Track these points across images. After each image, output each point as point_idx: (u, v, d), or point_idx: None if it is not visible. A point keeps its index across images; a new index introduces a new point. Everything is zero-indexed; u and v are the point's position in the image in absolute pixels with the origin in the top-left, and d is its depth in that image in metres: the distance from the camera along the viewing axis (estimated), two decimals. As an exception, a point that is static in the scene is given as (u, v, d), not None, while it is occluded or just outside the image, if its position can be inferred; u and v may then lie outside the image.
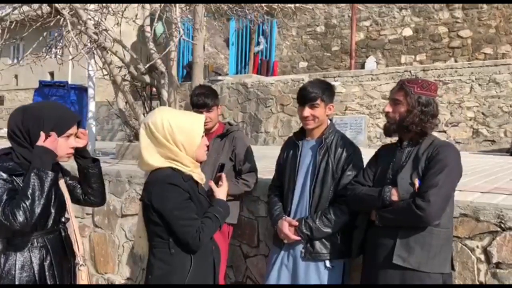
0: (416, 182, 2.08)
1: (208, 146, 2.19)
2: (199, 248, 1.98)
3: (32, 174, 1.85)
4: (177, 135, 1.99)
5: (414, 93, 2.15)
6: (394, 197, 2.12)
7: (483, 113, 7.77)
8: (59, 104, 2.19)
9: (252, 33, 12.78)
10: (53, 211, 2.03)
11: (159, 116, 2.03)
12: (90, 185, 2.26)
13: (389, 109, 2.24)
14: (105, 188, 2.37)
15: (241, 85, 10.30)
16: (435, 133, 7.22)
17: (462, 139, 7.91)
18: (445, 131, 8.04)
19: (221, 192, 2.22)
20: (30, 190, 1.83)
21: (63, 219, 2.15)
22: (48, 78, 17.77)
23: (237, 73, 13.09)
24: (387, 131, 2.28)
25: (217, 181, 2.28)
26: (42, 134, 1.94)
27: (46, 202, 1.89)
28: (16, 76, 20.32)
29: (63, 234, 2.13)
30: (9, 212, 1.78)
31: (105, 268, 4.24)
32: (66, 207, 2.18)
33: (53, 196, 2.03)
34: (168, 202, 1.93)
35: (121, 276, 4.12)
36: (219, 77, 11.14)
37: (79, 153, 2.20)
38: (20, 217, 1.78)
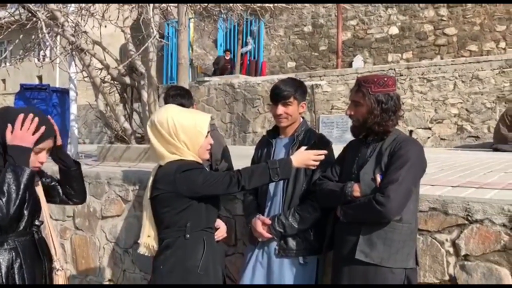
0: (378, 177, 2.08)
1: (211, 145, 2.26)
2: (244, 188, 2.10)
3: (8, 170, 1.84)
4: (180, 134, 2.09)
5: (372, 92, 2.14)
6: (356, 193, 2.12)
7: (467, 110, 7.83)
8: (40, 114, 2.09)
9: (239, 34, 12.80)
10: (26, 213, 2.01)
11: (165, 113, 2.13)
12: (72, 186, 2.30)
13: (350, 111, 2.24)
14: (85, 187, 2.41)
15: (228, 85, 10.32)
16: (420, 130, 7.27)
17: (446, 135, 7.97)
18: (430, 128, 8.10)
19: (297, 152, 2.28)
20: (5, 186, 1.81)
21: (37, 222, 2.13)
22: (36, 81, 17.70)
23: (226, 73, 13.12)
24: (354, 134, 2.30)
25: None
26: (9, 127, 1.90)
27: (22, 198, 1.86)
28: (3, 81, 20.21)
29: (36, 237, 2.11)
30: None
31: (86, 270, 4.23)
32: (41, 209, 2.17)
33: (26, 198, 2.01)
34: (197, 179, 2.05)
35: (102, 277, 4.11)
36: (206, 78, 11.14)
37: (59, 155, 2.21)
38: None
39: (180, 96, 3.09)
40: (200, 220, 2.13)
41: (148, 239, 2.20)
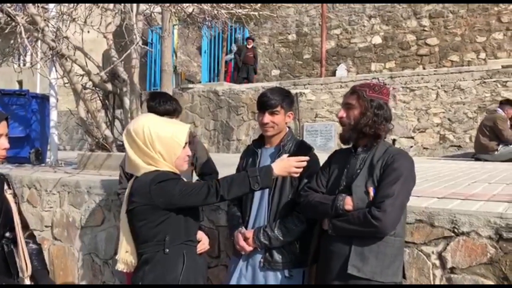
0: (371, 191, 2.03)
1: (189, 156, 2.17)
2: (223, 198, 2.02)
3: None
4: (156, 144, 2.00)
5: (367, 96, 2.13)
6: (348, 206, 2.06)
7: (449, 119, 7.91)
8: None
9: (224, 41, 12.77)
10: None
11: (141, 122, 2.04)
12: None
13: (342, 114, 2.20)
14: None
15: (212, 93, 10.26)
16: (403, 139, 7.27)
17: (429, 144, 8.03)
18: (412, 137, 8.15)
19: (278, 160, 2.20)
20: None
21: (7, 234, 2.04)
22: (16, 86, 17.38)
23: (209, 81, 13.06)
24: (343, 139, 2.24)
25: None
26: None
27: None
28: (-18, 85, 19.78)
29: (6, 249, 2.02)
30: None
31: (65, 281, 4.11)
32: (14, 221, 2.06)
33: None
34: (173, 190, 1.97)
35: (81, 290, 4.00)
36: (190, 85, 11.06)
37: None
38: None
39: (175, 102, 3.06)
40: (179, 233, 2.05)
41: (125, 255, 2.10)
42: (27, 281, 2.07)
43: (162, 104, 2.97)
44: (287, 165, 2.14)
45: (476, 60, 11.03)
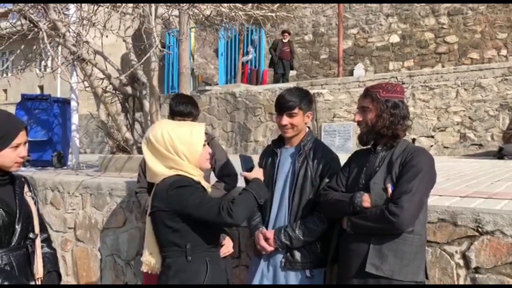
0: (389, 188, 2.02)
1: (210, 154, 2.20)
2: (234, 220, 1.96)
3: None
4: (178, 146, 2.02)
5: (381, 97, 2.12)
6: (366, 203, 2.06)
7: (469, 118, 7.79)
8: (2, 113, 2.03)
9: (240, 43, 12.81)
10: (17, 227, 1.95)
11: (159, 129, 2.06)
12: None
13: (359, 118, 2.21)
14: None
15: (229, 94, 10.30)
16: (423, 138, 7.15)
17: (449, 143, 7.92)
18: (433, 136, 8.05)
19: (253, 174, 2.30)
20: None
21: (31, 235, 2.06)
22: (38, 91, 17.75)
23: (226, 82, 13.10)
24: (362, 141, 2.25)
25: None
26: None
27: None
28: (5, 91, 20.25)
29: (30, 250, 2.04)
30: None
31: (88, 282, 4.17)
32: (34, 223, 2.09)
33: (17, 212, 1.97)
34: (187, 199, 1.95)
35: (103, 290, 4.06)
36: (207, 87, 11.12)
37: None
38: None
39: (191, 104, 3.10)
40: (201, 240, 2.02)
41: (149, 256, 2.11)
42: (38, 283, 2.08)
43: (178, 105, 3.05)
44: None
45: (497, 57, 10.83)
